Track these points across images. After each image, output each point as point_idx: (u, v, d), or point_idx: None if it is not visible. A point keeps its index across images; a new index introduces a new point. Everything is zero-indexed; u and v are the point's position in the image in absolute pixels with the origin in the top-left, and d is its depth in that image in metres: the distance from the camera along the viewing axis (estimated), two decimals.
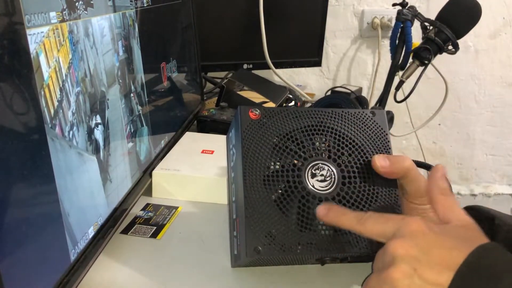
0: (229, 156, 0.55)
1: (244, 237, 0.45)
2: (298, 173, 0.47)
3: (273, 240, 0.45)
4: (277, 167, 0.48)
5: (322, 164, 0.48)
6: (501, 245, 0.49)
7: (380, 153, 0.51)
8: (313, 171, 0.48)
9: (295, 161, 0.48)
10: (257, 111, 0.50)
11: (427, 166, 0.67)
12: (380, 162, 0.48)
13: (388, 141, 0.52)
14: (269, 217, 0.45)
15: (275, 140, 0.49)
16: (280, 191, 0.47)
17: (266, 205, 0.46)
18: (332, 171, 0.48)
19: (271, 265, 0.54)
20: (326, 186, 0.48)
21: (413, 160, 0.52)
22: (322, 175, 0.48)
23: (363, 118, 0.52)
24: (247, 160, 0.47)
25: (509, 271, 0.36)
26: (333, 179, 0.48)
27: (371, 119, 0.52)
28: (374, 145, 0.51)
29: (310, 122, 0.50)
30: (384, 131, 0.52)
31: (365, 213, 0.44)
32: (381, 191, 0.49)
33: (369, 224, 0.43)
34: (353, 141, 0.50)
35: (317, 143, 0.50)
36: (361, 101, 0.93)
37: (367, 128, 0.52)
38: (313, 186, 0.47)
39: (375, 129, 0.52)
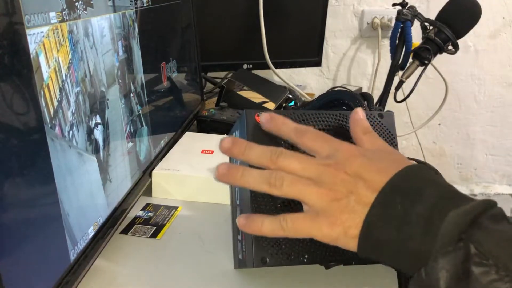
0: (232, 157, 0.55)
1: (251, 248, 0.45)
2: None
3: (280, 250, 0.45)
4: None
5: None
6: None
7: None
8: None
9: None
10: (261, 113, 0.48)
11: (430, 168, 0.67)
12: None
13: (396, 145, 0.52)
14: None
15: (281, 144, 0.48)
16: (286, 197, 0.46)
17: (272, 214, 0.45)
18: None
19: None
20: None
21: (417, 161, 0.52)
22: None
23: (370, 121, 0.51)
24: (253, 166, 0.46)
25: (430, 186, 0.38)
26: None
27: (379, 121, 0.52)
28: None
29: (317, 125, 0.49)
30: (392, 134, 0.52)
31: (304, 126, 0.45)
32: None
33: (307, 139, 0.44)
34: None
35: None
36: (366, 97, 0.93)
37: (375, 131, 0.50)
38: None
39: (383, 132, 0.51)
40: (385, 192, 0.38)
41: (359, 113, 0.47)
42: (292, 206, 0.46)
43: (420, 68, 1.07)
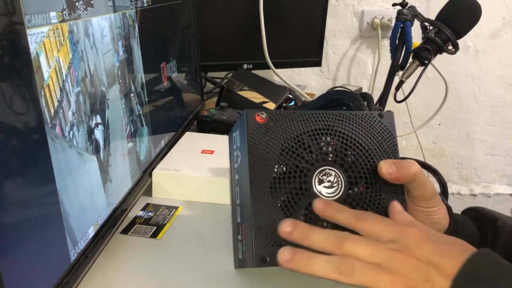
0: (232, 157, 0.54)
1: (251, 247, 0.45)
2: (305, 179, 0.47)
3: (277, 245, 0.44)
4: (284, 172, 0.47)
5: (329, 170, 0.48)
6: (504, 246, 0.50)
7: (387, 156, 0.50)
8: (320, 177, 0.47)
9: (303, 167, 0.47)
10: (263, 114, 0.48)
11: (430, 168, 0.67)
12: (386, 169, 0.48)
13: (395, 145, 0.51)
14: (276, 226, 0.44)
15: (282, 144, 0.48)
16: (286, 197, 0.46)
17: (273, 213, 0.45)
18: (339, 176, 0.48)
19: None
20: (333, 193, 0.47)
21: (418, 161, 0.52)
22: (329, 181, 0.47)
23: (370, 121, 0.51)
24: (254, 166, 0.46)
25: (504, 278, 0.37)
26: (340, 185, 0.48)
27: (379, 121, 0.52)
28: (381, 149, 0.50)
29: (317, 125, 0.49)
30: (392, 134, 0.52)
31: (363, 212, 0.44)
32: (387, 197, 0.48)
33: (368, 224, 0.43)
34: (360, 144, 0.50)
35: (324, 147, 0.49)
36: (366, 98, 0.93)
37: (375, 131, 0.51)
38: (319, 193, 0.47)
39: (383, 132, 0.51)
40: (459, 280, 0.37)
41: (397, 207, 0.47)
42: (295, 207, 0.46)
43: (420, 68, 1.07)
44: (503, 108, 1.75)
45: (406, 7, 1.11)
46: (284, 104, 1.16)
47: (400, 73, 1.11)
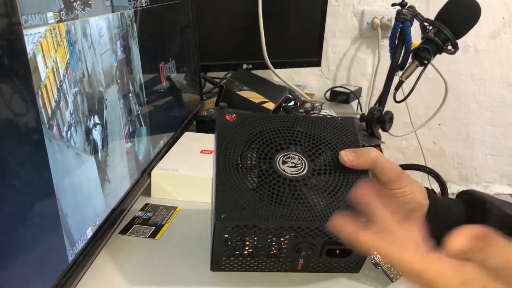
0: (213, 161, 0.56)
1: (214, 208, 0.47)
2: (269, 160, 0.50)
3: (244, 210, 0.46)
4: (250, 156, 0.51)
5: (293, 154, 0.51)
6: (492, 228, 0.49)
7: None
8: (284, 159, 0.50)
9: (267, 151, 0.51)
10: (233, 114, 0.54)
11: (431, 172, 0.67)
12: (347, 156, 0.50)
13: (358, 140, 0.54)
14: (240, 192, 0.47)
15: (248, 135, 0.52)
16: (251, 175, 0.49)
17: (237, 184, 0.48)
18: (303, 160, 0.51)
19: (251, 270, 0.55)
20: (297, 171, 0.50)
21: (416, 164, 0.53)
22: (293, 162, 0.50)
23: (332, 123, 0.55)
24: (220, 148, 0.50)
25: None
26: (303, 166, 0.50)
27: (341, 123, 0.56)
28: (344, 144, 0.53)
29: (282, 125, 0.54)
30: (354, 133, 0.55)
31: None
32: (352, 179, 0.50)
33: None
34: (323, 139, 0.53)
35: (288, 141, 0.52)
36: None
37: (337, 130, 0.55)
38: (283, 171, 0.49)
39: (345, 131, 0.55)
40: None
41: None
42: (260, 182, 0.48)
43: (420, 68, 1.07)
44: (503, 108, 1.75)
45: (406, 7, 1.11)
46: (283, 104, 1.16)
47: (400, 73, 1.11)
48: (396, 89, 1.12)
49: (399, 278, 0.54)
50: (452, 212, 0.55)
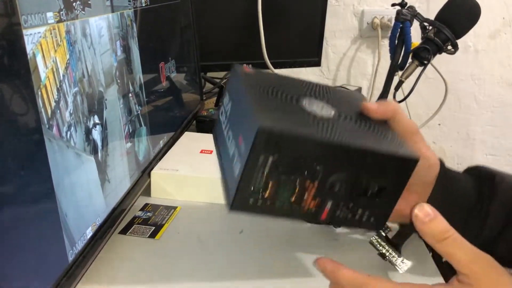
0: (219, 148, 0.53)
1: (250, 120, 0.41)
2: (296, 99, 0.47)
3: (286, 122, 0.42)
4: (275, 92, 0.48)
5: (317, 101, 0.49)
6: (500, 203, 0.49)
7: None
8: (310, 103, 0.48)
9: (292, 95, 0.48)
10: (250, 66, 0.51)
11: None
12: (370, 105, 0.50)
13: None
14: (278, 112, 0.43)
15: (270, 80, 0.50)
16: (283, 106, 0.46)
17: (273, 106, 0.44)
18: (328, 107, 0.48)
19: (273, 215, 0.47)
20: (325, 113, 0.47)
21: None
22: (319, 106, 0.48)
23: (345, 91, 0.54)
24: (247, 84, 0.47)
25: None
26: (329, 112, 0.48)
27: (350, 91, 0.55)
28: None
29: (302, 82, 0.52)
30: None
31: None
32: (377, 126, 0.49)
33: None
34: (340, 95, 0.52)
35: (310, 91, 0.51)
36: None
37: (351, 97, 0.54)
38: (312, 110, 0.47)
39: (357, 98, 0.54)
40: None
41: (423, 211, 0.43)
42: (291, 109, 0.45)
43: (420, 68, 1.06)
44: (503, 108, 1.75)
45: (406, 7, 1.11)
46: None
47: (400, 73, 1.11)
48: (396, 89, 1.12)
49: (406, 269, 0.54)
50: (460, 182, 0.54)
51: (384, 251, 0.54)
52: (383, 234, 0.55)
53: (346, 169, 0.44)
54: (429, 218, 0.42)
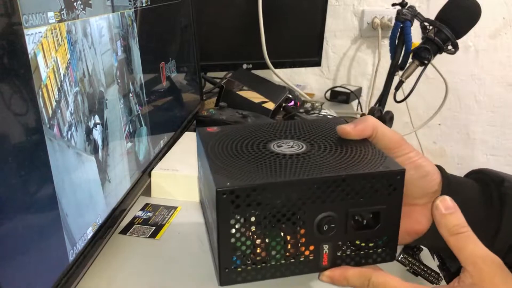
0: (206, 219, 0.52)
1: (212, 181, 0.40)
2: (263, 146, 0.46)
3: (244, 177, 0.40)
4: (239, 146, 0.47)
5: (287, 141, 0.47)
6: None
7: None
8: (279, 145, 0.46)
9: (260, 140, 0.47)
10: (215, 127, 0.50)
11: None
12: (345, 127, 0.47)
13: None
14: (238, 167, 0.42)
15: (234, 137, 0.48)
16: (245, 157, 0.44)
17: (232, 163, 0.43)
18: (299, 143, 0.47)
19: (269, 277, 0.45)
20: (296, 150, 0.45)
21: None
22: (289, 145, 0.46)
23: (323, 120, 0.53)
24: (207, 148, 0.46)
25: None
26: (301, 146, 0.46)
27: (330, 120, 0.53)
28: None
29: (270, 126, 0.51)
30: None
31: None
32: (357, 147, 0.46)
33: None
34: (317, 129, 0.50)
35: (279, 134, 0.49)
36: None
37: (328, 124, 0.51)
38: (281, 151, 0.45)
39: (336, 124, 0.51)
40: None
41: (445, 203, 0.42)
42: (256, 161, 0.43)
43: (420, 68, 1.06)
44: (503, 108, 1.75)
45: (406, 7, 1.11)
46: (283, 104, 1.16)
47: (400, 73, 1.11)
48: (396, 89, 1.12)
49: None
50: (465, 189, 0.49)
51: (415, 267, 0.52)
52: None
53: (327, 205, 0.42)
54: (449, 211, 0.41)
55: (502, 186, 0.48)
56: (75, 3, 0.49)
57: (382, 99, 1.13)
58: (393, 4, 1.15)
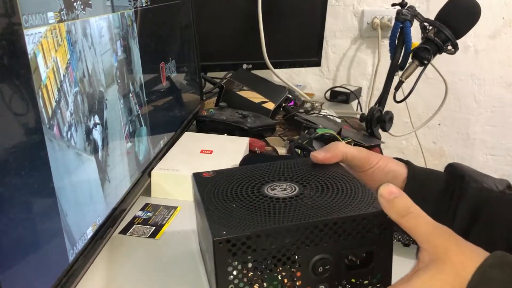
0: (205, 264, 0.54)
1: (208, 230, 0.43)
2: (257, 190, 0.49)
3: (239, 225, 0.42)
4: (234, 191, 0.49)
5: (280, 183, 0.50)
6: (468, 202, 0.51)
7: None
8: (272, 188, 0.49)
9: (254, 184, 0.50)
10: (210, 172, 0.54)
11: None
12: (318, 154, 0.53)
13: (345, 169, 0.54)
14: (233, 214, 0.44)
15: (229, 182, 0.51)
16: (240, 202, 0.47)
17: (228, 209, 0.46)
18: (292, 185, 0.50)
19: None
20: (289, 193, 0.48)
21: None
22: (282, 187, 0.49)
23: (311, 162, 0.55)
24: (203, 194, 0.49)
25: None
26: (294, 189, 0.49)
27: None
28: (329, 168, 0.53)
29: (262, 168, 0.54)
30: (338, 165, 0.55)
31: None
32: (346, 184, 0.49)
33: None
34: (307, 170, 0.53)
35: (271, 177, 0.52)
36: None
37: (321, 165, 0.54)
38: (274, 194, 0.48)
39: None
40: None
41: (388, 189, 0.43)
42: (250, 206, 0.46)
43: (420, 68, 1.06)
44: (503, 108, 1.75)
45: (406, 7, 1.11)
46: (283, 104, 1.16)
47: (400, 73, 1.11)
48: (396, 89, 1.12)
49: None
50: (429, 182, 0.55)
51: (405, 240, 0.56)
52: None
53: (320, 247, 0.44)
54: (394, 195, 0.42)
55: (463, 181, 0.54)
56: (75, 3, 0.49)
57: (382, 99, 1.14)
58: (393, 4, 1.15)
